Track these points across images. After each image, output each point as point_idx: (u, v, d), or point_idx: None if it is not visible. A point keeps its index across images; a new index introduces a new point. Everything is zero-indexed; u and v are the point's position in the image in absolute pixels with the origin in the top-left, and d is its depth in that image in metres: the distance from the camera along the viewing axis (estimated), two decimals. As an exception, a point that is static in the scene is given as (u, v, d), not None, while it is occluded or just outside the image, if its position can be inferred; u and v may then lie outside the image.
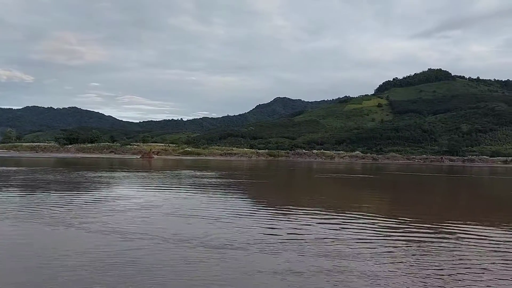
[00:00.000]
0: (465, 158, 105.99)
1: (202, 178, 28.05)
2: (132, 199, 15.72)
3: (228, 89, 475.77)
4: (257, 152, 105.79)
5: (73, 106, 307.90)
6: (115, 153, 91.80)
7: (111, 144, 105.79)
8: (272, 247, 8.36)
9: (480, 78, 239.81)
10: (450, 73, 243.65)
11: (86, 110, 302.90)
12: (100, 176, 27.37)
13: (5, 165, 37.96)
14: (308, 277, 6.52)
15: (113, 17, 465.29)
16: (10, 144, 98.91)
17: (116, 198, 16.09)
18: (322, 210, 14.01)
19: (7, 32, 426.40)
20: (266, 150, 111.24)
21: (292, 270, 6.83)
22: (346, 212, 13.85)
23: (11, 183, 20.86)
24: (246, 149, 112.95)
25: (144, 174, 31.71)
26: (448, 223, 12.33)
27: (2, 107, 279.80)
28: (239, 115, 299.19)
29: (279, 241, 9.00)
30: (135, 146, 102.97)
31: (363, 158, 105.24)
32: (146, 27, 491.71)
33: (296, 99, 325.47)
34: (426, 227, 11.48)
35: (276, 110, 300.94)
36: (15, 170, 31.58)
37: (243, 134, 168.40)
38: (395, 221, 12.28)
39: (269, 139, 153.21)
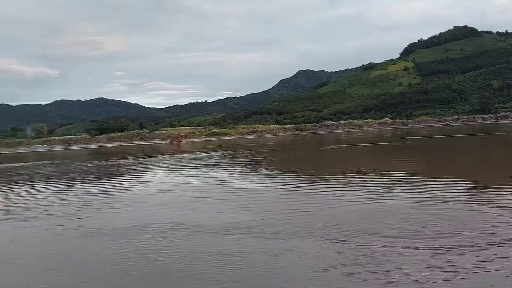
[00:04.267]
0: (498, 115, 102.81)
1: (222, 158, 28.34)
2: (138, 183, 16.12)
3: (250, 67, 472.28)
4: (283, 128, 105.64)
5: (100, 96, 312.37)
6: (145, 140, 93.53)
7: (140, 131, 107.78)
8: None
9: (508, 31, 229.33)
10: (477, 29, 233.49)
11: (112, 99, 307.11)
12: (121, 164, 28.05)
13: (43, 159, 39.35)
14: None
15: (130, 4, 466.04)
16: (43, 139, 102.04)
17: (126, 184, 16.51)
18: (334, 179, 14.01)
19: (30, 29, 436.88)
20: (293, 125, 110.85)
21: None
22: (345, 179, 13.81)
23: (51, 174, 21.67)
24: (272, 126, 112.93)
25: (162, 158, 32.28)
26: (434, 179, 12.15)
27: (32, 103, 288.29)
28: (263, 92, 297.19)
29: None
30: (163, 132, 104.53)
31: (393, 125, 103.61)
32: (163, 11, 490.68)
33: (319, 71, 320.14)
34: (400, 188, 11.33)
35: (300, 84, 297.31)
36: (49, 163, 32.68)
37: (268, 111, 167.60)
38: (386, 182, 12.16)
39: (294, 114, 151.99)
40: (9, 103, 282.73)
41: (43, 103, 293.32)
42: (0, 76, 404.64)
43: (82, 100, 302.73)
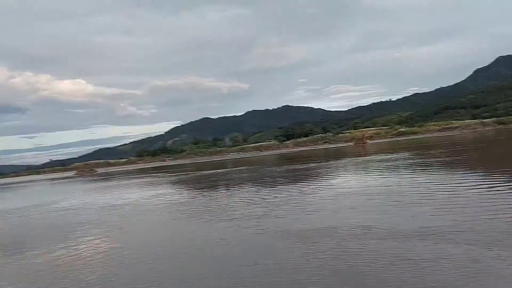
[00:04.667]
0: None
1: (411, 159, 26.79)
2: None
3: (437, 59, 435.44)
4: (482, 122, 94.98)
5: (285, 104, 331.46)
6: (329, 143, 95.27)
7: (324, 135, 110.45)
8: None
9: None
10: None
11: (297, 106, 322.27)
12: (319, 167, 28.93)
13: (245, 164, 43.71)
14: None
15: (308, 12, 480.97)
16: (238, 147, 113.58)
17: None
18: None
19: (221, 50, 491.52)
20: (493, 119, 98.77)
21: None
22: None
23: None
24: (468, 121, 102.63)
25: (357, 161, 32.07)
26: None
27: (228, 115, 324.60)
28: (454, 84, 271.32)
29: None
30: (347, 134, 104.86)
31: None
32: (339, 14, 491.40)
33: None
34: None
35: (500, 72, 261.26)
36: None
37: (462, 105, 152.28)
38: None
39: (495, 106, 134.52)
40: (210, 116, 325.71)
41: (237, 114, 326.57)
42: (202, 93, 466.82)
43: (270, 109, 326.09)
